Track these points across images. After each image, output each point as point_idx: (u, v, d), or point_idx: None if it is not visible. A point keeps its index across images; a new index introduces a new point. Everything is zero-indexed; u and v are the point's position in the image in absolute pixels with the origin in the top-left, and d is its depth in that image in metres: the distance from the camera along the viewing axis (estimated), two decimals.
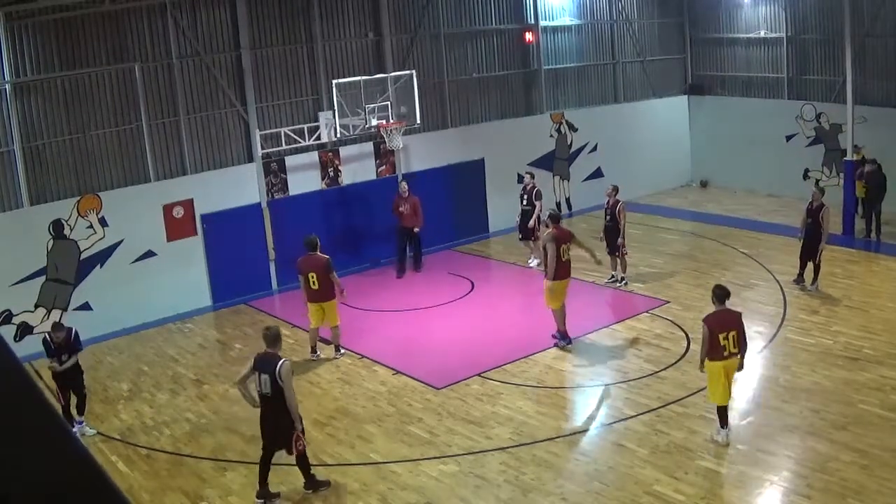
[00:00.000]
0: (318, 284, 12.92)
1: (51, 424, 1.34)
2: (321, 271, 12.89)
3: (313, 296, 13.04)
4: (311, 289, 12.99)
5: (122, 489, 1.88)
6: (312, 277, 12.92)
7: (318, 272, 12.89)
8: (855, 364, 11.60)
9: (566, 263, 12.99)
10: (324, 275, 12.88)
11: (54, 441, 1.31)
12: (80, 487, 1.26)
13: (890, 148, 18.34)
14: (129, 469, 10.32)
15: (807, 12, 21.12)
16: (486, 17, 20.23)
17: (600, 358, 12.69)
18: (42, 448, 1.28)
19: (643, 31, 23.11)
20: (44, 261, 14.71)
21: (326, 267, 12.90)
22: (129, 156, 15.73)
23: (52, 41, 14.61)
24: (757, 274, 16.01)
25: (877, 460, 9.08)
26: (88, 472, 1.29)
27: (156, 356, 14.27)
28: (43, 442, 1.29)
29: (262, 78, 16.99)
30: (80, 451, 1.32)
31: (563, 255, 12.85)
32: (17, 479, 1.21)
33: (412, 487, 9.38)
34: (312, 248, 13.11)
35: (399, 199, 17.26)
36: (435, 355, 13.39)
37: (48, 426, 1.34)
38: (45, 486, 1.23)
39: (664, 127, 23.34)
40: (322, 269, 12.90)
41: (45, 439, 1.30)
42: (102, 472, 1.31)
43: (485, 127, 20.23)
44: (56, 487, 1.24)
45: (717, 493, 8.75)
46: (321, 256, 13.03)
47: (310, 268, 12.97)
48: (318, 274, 12.89)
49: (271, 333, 9.37)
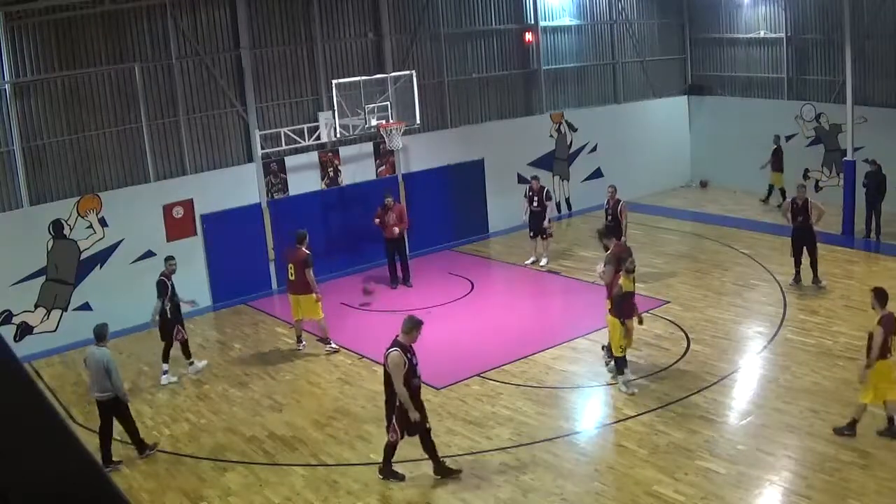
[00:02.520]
0: (294, 276, 13.46)
1: (51, 424, 1.34)
2: (298, 265, 13.37)
3: (290, 287, 13.70)
4: (289, 280, 13.64)
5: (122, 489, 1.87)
6: (291, 269, 13.51)
7: (295, 265, 13.43)
8: (855, 364, 11.58)
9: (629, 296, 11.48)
10: (300, 269, 13.31)
11: (54, 441, 1.31)
12: (79, 487, 1.26)
13: (890, 148, 18.34)
14: (129, 469, 10.32)
15: (807, 12, 21.13)
16: (486, 17, 20.24)
17: (600, 358, 12.68)
18: (42, 448, 1.28)
19: (643, 31, 23.11)
20: (44, 261, 14.71)
21: (304, 262, 13.32)
22: (128, 156, 15.74)
23: (51, 41, 14.61)
24: (757, 274, 16.01)
25: (877, 460, 9.08)
26: (88, 471, 1.29)
27: (156, 356, 14.24)
28: (43, 442, 1.29)
29: (261, 78, 16.99)
30: (80, 451, 1.32)
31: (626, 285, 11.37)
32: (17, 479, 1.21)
33: (412, 487, 9.38)
34: (299, 241, 13.59)
35: (383, 210, 16.50)
36: (435, 355, 13.36)
37: (48, 426, 1.34)
38: (45, 486, 1.23)
39: (664, 127, 23.34)
40: (300, 263, 13.37)
41: (45, 439, 1.30)
42: (102, 471, 1.31)
43: (485, 127, 20.23)
44: (56, 487, 1.24)
45: (717, 493, 8.74)
46: (303, 251, 13.46)
47: (290, 259, 13.55)
48: (296, 267, 13.41)
49: (405, 321, 9.34)
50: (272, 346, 14.32)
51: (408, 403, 9.05)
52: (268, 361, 13.61)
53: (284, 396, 12.20)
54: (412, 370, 9.13)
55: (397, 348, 9.06)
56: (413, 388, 9.17)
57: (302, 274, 13.30)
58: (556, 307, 16.05)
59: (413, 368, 9.14)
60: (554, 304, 16.21)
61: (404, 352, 9.07)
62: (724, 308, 14.34)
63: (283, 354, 13.87)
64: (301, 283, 13.36)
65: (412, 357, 9.16)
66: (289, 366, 13.38)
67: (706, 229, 19.60)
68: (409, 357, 9.11)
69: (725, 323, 13.66)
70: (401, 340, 9.15)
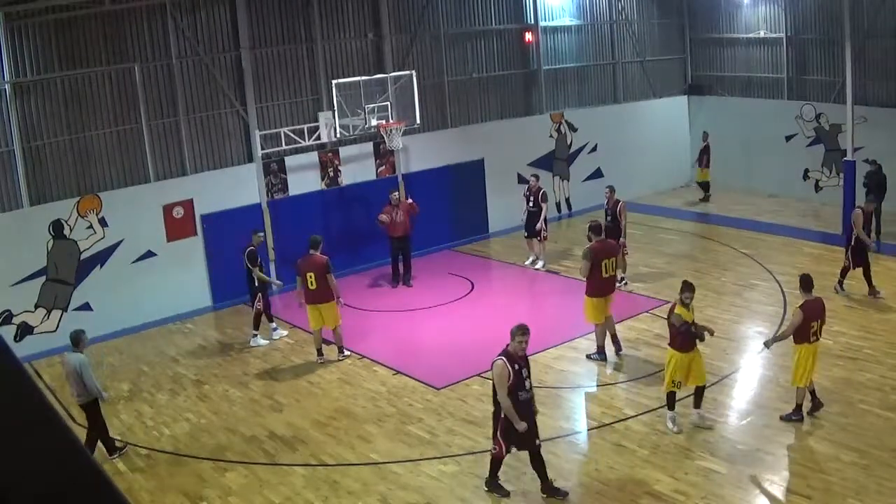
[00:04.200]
0: (316, 285, 12.82)
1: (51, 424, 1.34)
2: (319, 271, 12.80)
3: (310, 297, 12.95)
4: (309, 290, 12.91)
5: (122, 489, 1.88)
6: (310, 278, 12.83)
7: (316, 272, 12.80)
8: (855, 364, 11.60)
9: (608, 280, 12.27)
10: (321, 276, 12.79)
11: (54, 441, 1.31)
12: (79, 487, 1.26)
13: (890, 148, 18.34)
14: (129, 469, 10.32)
15: (806, 12, 21.13)
16: (486, 17, 20.24)
17: (599, 358, 12.68)
18: (42, 448, 1.28)
19: (643, 31, 23.11)
20: (44, 261, 14.71)
21: (325, 267, 12.80)
22: (128, 156, 15.74)
23: (51, 41, 14.62)
24: (757, 274, 16.01)
25: (877, 460, 9.09)
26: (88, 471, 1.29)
27: (156, 356, 14.27)
28: (43, 442, 1.29)
29: (261, 78, 16.99)
30: (80, 451, 1.32)
31: (605, 271, 12.12)
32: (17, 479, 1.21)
33: (412, 487, 9.38)
34: (314, 247, 13.03)
35: (390, 207, 16.51)
36: (435, 355, 13.39)
37: (48, 426, 1.34)
38: (45, 486, 1.23)
39: (664, 127, 23.33)
40: (320, 269, 12.80)
41: (44, 439, 1.30)
42: (102, 471, 1.31)
43: (485, 127, 20.23)
44: (56, 487, 1.24)
45: (717, 492, 8.75)
46: (320, 256, 12.96)
47: (308, 268, 12.89)
48: (316, 274, 12.80)
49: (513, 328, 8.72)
50: (272, 346, 14.31)
51: (512, 415, 8.45)
52: (268, 361, 13.61)
53: (284, 396, 12.20)
54: (519, 382, 8.49)
55: (503, 357, 8.48)
56: (521, 401, 8.52)
57: (324, 280, 12.74)
58: (555, 307, 16.05)
59: (521, 381, 8.50)
60: (554, 303, 16.20)
61: (511, 361, 8.43)
62: (724, 308, 14.34)
63: (283, 354, 13.87)
64: (323, 290, 12.79)
65: (521, 368, 8.51)
66: (289, 366, 13.38)
67: (706, 229, 19.61)
68: (517, 368, 8.46)
69: (725, 323, 13.65)
70: (509, 349, 8.53)
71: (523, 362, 8.57)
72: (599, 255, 12.15)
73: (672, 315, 10.06)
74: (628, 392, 11.45)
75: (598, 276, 12.12)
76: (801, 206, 20.70)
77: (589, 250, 12.23)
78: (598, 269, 12.11)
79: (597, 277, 12.12)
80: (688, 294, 10.00)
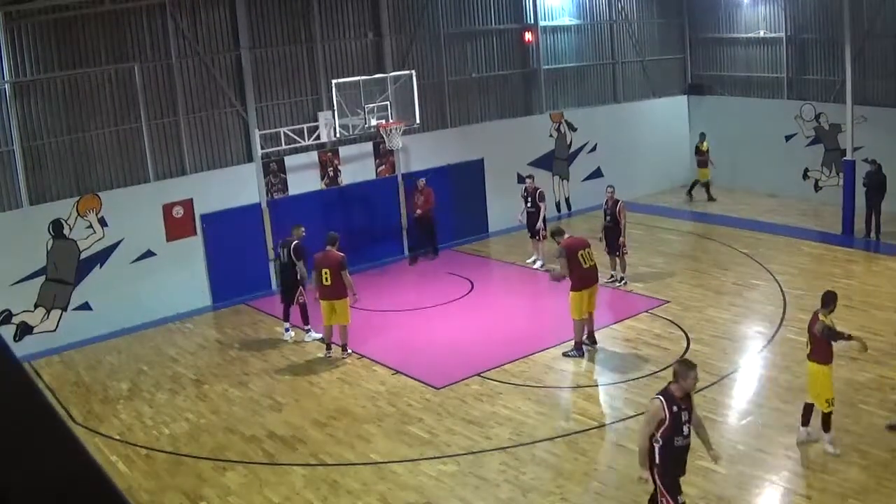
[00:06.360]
0: (331, 281, 12.98)
1: (51, 424, 1.34)
2: (334, 268, 12.96)
3: (324, 293, 13.11)
4: (324, 285, 13.08)
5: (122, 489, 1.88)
6: (325, 274, 12.99)
7: (331, 269, 12.96)
8: (855, 364, 11.58)
9: (589, 270, 12.45)
10: (336, 272, 12.94)
11: (54, 441, 1.31)
12: (79, 487, 1.26)
13: (890, 148, 18.33)
14: (129, 469, 10.32)
15: (806, 12, 21.12)
16: (485, 17, 20.23)
17: (600, 358, 12.70)
18: (42, 448, 1.28)
19: (643, 31, 23.11)
20: (44, 261, 14.71)
21: (340, 264, 12.96)
22: (128, 156, 15.73)
23: (51, 41, 14.61)
24: (757, 274, 16.00)
25: (877, 460, 9.08)
26: (88, 471, 1.29)
27: (156, 356, 14.26)
28: (42, 442, 1.29)
29: (261, 78, 16.99)
30: (80, 451, 1.32)
31: (584, 261, 12.37)
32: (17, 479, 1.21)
33: (412, 487, 9.38)
34: (331, 243, 13.21)
35: (416, 192, 18.16)
36: (435, 355, 13.38)
37: (48, 426, 1.34)
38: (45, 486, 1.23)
39: (664, 127, 23.33)
40: (335, 265, 12.96)
41: (44, 439, 1.30)
42: (102, 471, 1.31)
43: (484, 127, 20.23)
44: (56, 487, 1.23)
45: (717, 492, 8.74)
46: (336, 253, 13.10)
47: (324, 264, 13.05)
48: (332, 271, 12.96)
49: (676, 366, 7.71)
50: (272, 346, 14.31)
51: (642, 461, 7.52)
52: (268, 361, 13.61)
53: (284, 396, 12.20)
54: (677, 426, 7.29)
55: (660, 397, 7.35)
56: (676, 447, 7.35)
57: (338, 277, 12.91)
58: (555, 307, 16.03)
59: (679, 425, 7.30)
60: (554, 303, 16.18)
61: (669, 403, 7.26)
62: (723, 308, 14.34)
63: (283, 354, 13.86)
64: (337, 287, 12.95)
65: (681, 411, 7.30)
66: (289, 366, 13.37)
67: (706, 229, 19.60)
68: (676, 410, 7.27)
69: (725, 323, 13.66)
70: (671, 388, 7.37)
71: (686, 404, 7.40)
72: (573, 248, 12.43)
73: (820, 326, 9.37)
74: (628, 392, 11.45)
75: (580, 268, 12.35)
76: (801, 206, 20.69)
77: (561, 248, 12.53)
78: (577, 262, 12.35)
79: (578, 270, 12.35)
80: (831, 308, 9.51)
